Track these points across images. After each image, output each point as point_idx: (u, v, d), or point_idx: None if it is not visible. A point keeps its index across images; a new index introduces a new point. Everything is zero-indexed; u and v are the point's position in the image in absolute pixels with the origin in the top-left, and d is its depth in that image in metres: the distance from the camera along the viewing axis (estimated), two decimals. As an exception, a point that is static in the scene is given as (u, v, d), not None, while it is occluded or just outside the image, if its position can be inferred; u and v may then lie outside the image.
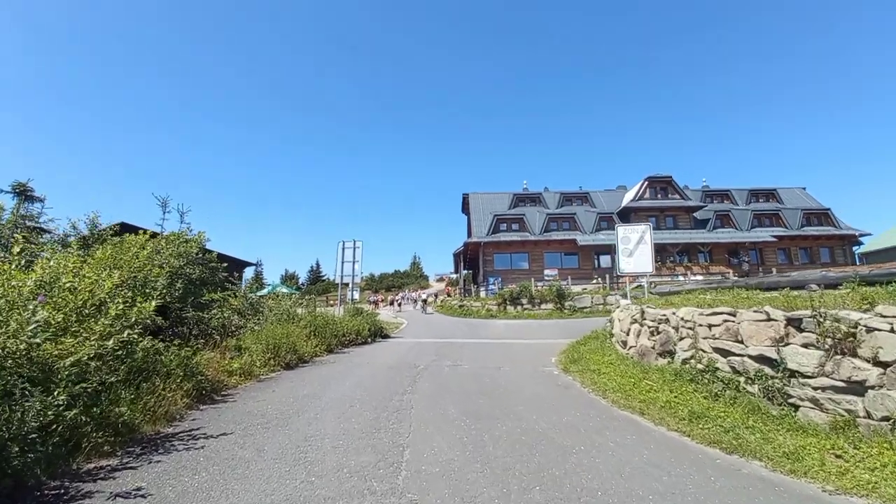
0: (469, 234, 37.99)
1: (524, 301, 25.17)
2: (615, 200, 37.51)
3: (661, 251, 32.64)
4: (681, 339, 6.79)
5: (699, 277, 28.53)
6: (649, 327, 7.72)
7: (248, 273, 51.73)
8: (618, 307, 11.30)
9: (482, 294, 30.87)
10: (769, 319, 5.30)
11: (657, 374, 6.71)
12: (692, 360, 6.34)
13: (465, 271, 36.98)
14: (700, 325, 6.37)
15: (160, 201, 9.83)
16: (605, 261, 33.02)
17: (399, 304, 36.37)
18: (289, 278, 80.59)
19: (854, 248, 34.60)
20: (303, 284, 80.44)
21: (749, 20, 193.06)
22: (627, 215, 34.50)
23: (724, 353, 5.75)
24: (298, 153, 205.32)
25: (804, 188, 38.48)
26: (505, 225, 33.97)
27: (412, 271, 79.47)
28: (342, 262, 15.15)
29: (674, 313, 7.20)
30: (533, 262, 33.26)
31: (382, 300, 41.33)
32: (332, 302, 28.38)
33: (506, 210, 35.41)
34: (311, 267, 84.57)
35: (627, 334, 8.70)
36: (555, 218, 34.35)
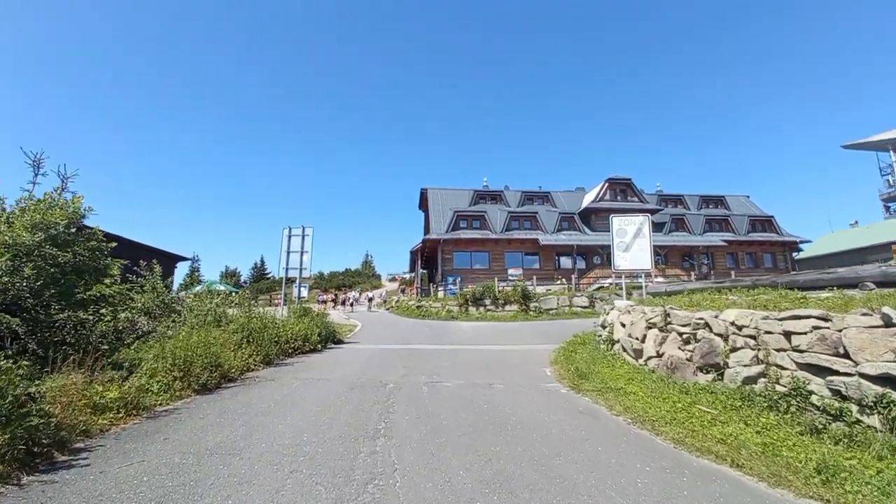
0: (427, 231, 36.05)
1: (487, 302, 23.62)
2: (576, 201, 37.12)
3: (620, 253, 32.54)
4: (733, 349, 5.27)
5: (661, 279, 28.46)
6: (680, 334, 6.18)
7: (184, 269, 46.79)
8: (611, 308, 9.85)
9: (440, 294, 29.05)
10: (889, 325, 3.85)
11: (706, 395, 5.14)
12: (762, 379, 4.81)
13: (422, 270, 34.95)
14: (768, 333, 4.86)
15: (32, 159, 7.09)
16: (565, 262, 32.36)
17: (351, 305, 33.74)
18: (229, 275, 74.37)
19: (794, 254, 36.34)
20: (245, 282, 74.55)
21: (714, 32, 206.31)
22: (588, 216, 34.13)
23: (820, 370, 4.24)
24: (240, 150, 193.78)
25: (748, 196, 40.16)
26: (465, 222, 32.36)
27: (364, 270, 75.61)
28: (287, 253, 12.62)
29: (716, 316, 5.70)
30: (493, 261, 31.89)
31: (334, 300, 38.37)
32: (276, 301, 25.33)
33: (466, 207, 33.83)
34: (255, 264, 78.53)
35: (642, 341, 7.16)
36: (516, 216, 33.23)
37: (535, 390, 6.34)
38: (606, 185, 34.53)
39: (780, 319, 4.75)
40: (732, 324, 5.38)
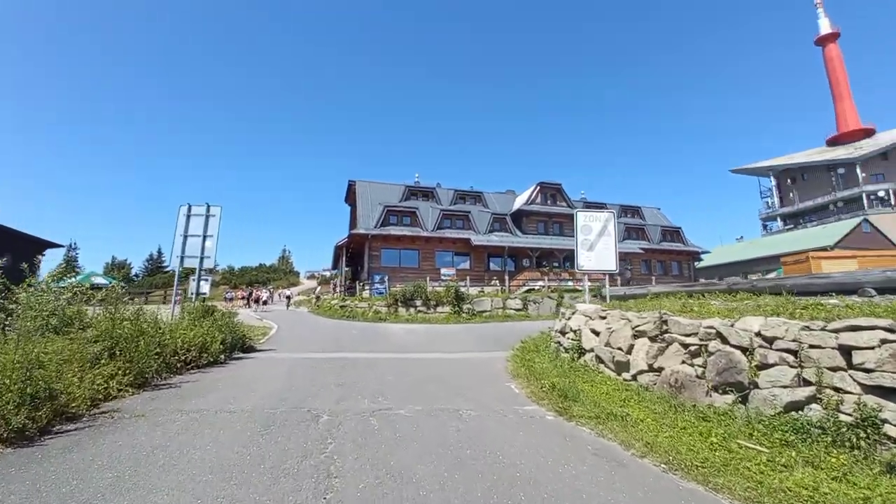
0: (353, 226, 33.59)
1: (418, 303, 22.14)
2: (507, 203, 37.07)
3: (549, 256, 32.94)
4: (761, 366, 4.32)
5: (588, 283, 29.07)
6: (685, 345, 5.19)
7: (58, 259, 39.01)
8: (573, 313, 8.88)
9: (366, 293, 26.92)
10: None
11: (736, 424, 4.14)
12: (816, 406, 3.87)
13: (347, 268, 32.45)
14: (816, 348, 3.95)
15: None
16: (496, 263, 31.97)
17: (265, 303, 30.19)
18: (116, 267, 64.14)
19: (695, 263, 39.75)
20: (136, 275, 64.83)
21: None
22: (520, 218, 34.14)
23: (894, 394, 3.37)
24: (141, 135, 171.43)
25: (659, 209, 43.29)
26: (395, 218, 30.55)
27: (281, 266, 69.29)
28: (184, 237, 9.89)
29: (731, 325, 4.76)
30: (424, 260, 30.49)
31: (245, 298, 34.16)
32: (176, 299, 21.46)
33: (397, 202, 32.03)
34: (151, 255, 68.48)
35: (627, 353, 6.14)
36: (449, 214, 32.16)
37: (516, 419, 4.94)
38: (538, 188, 34.85)
39: (835, 331, 3.87)
40: (758, 335, 4.45)
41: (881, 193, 49.25)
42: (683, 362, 5.14)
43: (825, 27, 60.58)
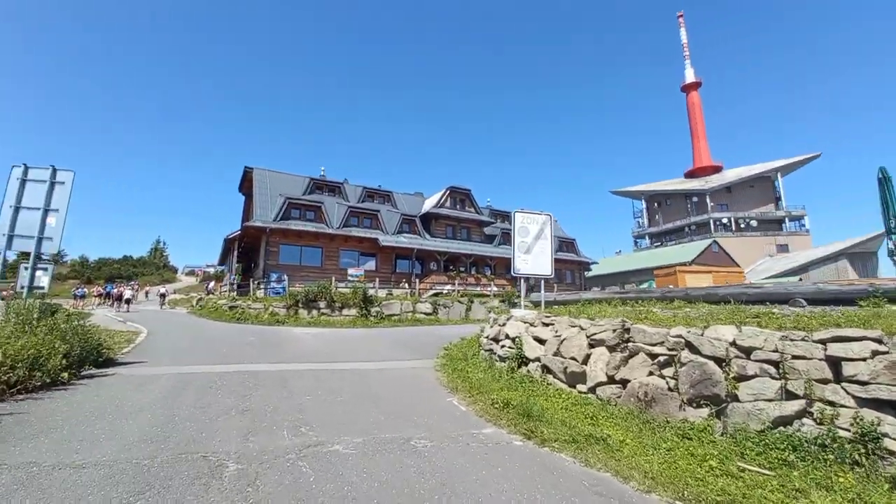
0: (247, 218, 30.04)
1: (322, 305, 20.31)
2: (416, 205, 36.45)
3: (456, 260, 33.00)
4: (740, 378, 4.11)
5: (495, 288, 29.66)
6: (652, 355, 4.87)
7: None
8: (508, 318, 8.40)
9: (261, 293, 24.01)
10: None
11: (724, 442, 3.83)
12: (807, 420, 3.67)
13: (238, 264, 28.75)
14: (800, 359, 3.80)
15: None
16: (403, 265, 31.08)
17: (128, 302, 25.29)
18: None
19: (585, 273, 43.30)
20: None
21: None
22: (429, 221, 33.73)
23: (891, 406, 3.26)
24: None
25: (556, 221, 46.46)
26: (298, 212, 27.93)
27: (153, 259, 58.64)
28: (15, 209, 7.13)
29: (702, 334, 4.55)
30: (327, 259, 28.34)
31: (102, 295, 28.24)
32: (3, 293, 16.38)
33: (301, 195, 29.39)
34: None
35: (583, 363, 5.72)
36: (357, 212, 30.43)
37: (480, 448, 4.10)
38: (448, 192, 34.80)
39: (821, 342, 3.74)
40: (733, 345, 4.25)
41: (725, 220, 59.20)
42: (651, 374, 4.81)
43: (690, 76, 71.32)
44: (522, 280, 8.90)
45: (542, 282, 9.04)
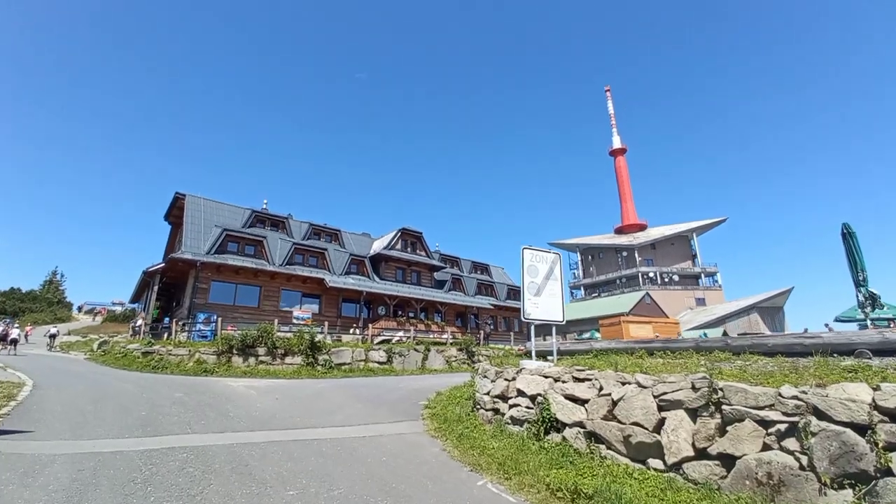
0: (173, 249, 26.58)
1: (261, 351, 17.69)
2: (364, 245, 34.77)
3: (406, 305, 31.36)
4: (890, 448, 3.26)
5: (445, 336, 28.20)
6: (762, 423, 3.92)
7: None
8: (517, 372, 7.21)
9: (183, 336, 20.56)
10: None
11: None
12: None
13: (158, 302, 24.82)
14: None
15: None
16: (349, 309, 28.86)
17: (13, 343, 20.51)
18: None
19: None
20: None
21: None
22: (379, 263, 32.13)
23: None
24: None
25: (503, 268, 46.78)
26: (237, 245, 25.14)
27: (45, 293, 49.07)
28: None
29: (825, 395, 3.72)
30: (265, 298, 25.49)
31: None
32: None
33: (241, 227, 26.67)
34: None
35: (654, 431, 4.63)
36: (302, 250, 28.13)
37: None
38: (399, 234, 33.67)
39: None
40: (875, 407, 3.44)
41: (651, 274, 63.47)
42: (767, 447, 3.84)
43: (617, 143, 78.51)
44: (532, 327, 7.79)
45: (554, 329, 8.02)
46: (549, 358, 8.21)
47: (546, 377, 6.49)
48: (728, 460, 4.03)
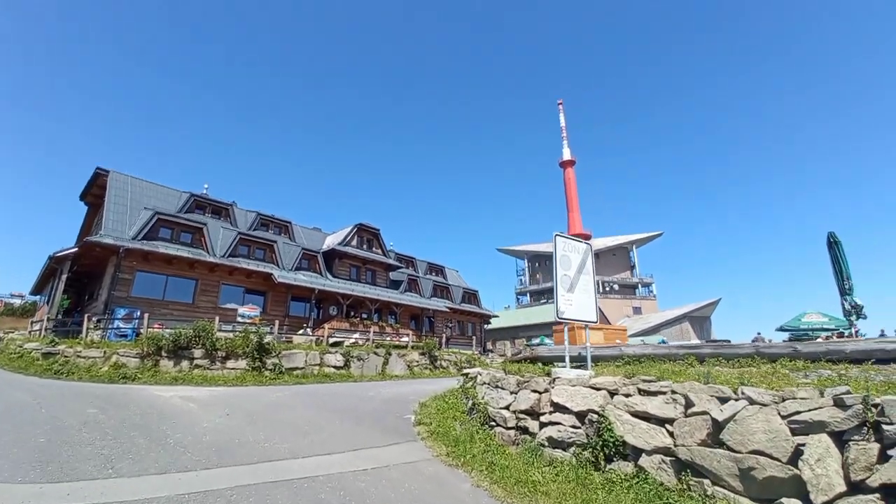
0: (89, 232, 22.76)
1: (198, 354, 15.20)
2: (317, 240, 32.24)
3: (360, 305, 29.37)
4: None
5: (405, 339, 26.61)
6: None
7: None
8: (549, 382, 6.04)
9: (97, 335, 17.26)
10: None
11: None
12: None
13: (65, 295, 20.95)
14: None
15: None
16: (297, 307, 26.43)
17: None
18: None
19: (486, 326, 42.78)
20: None
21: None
22: (332, 259, 29.89)
23: None
24: None
25: (458, 271, 45.85)
26: (170, 232, 21.94)
27: None
28: None
29: None
30: (202, 293, 22.49)
31: None
32: None
33: (176, 212, 23.43)
34: None
35: (789, 463, 3.62)
36: (248, 241, 25.31)
37: None
38: (355, 230, 31.62)
39: None
40: None
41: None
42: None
43: (566, 154, 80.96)
44: (566, 329, 6.63)
45: (587, 329, 6.91)
46: (575, 366, 7.14)
47: (597, 389, 5.36)
48: (893, 491, 3.09)
